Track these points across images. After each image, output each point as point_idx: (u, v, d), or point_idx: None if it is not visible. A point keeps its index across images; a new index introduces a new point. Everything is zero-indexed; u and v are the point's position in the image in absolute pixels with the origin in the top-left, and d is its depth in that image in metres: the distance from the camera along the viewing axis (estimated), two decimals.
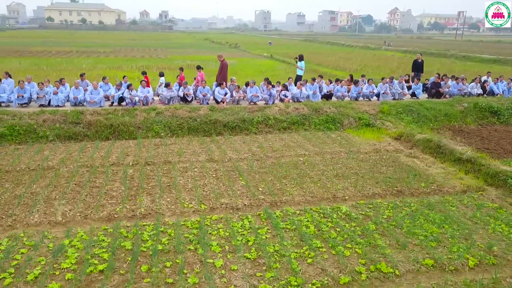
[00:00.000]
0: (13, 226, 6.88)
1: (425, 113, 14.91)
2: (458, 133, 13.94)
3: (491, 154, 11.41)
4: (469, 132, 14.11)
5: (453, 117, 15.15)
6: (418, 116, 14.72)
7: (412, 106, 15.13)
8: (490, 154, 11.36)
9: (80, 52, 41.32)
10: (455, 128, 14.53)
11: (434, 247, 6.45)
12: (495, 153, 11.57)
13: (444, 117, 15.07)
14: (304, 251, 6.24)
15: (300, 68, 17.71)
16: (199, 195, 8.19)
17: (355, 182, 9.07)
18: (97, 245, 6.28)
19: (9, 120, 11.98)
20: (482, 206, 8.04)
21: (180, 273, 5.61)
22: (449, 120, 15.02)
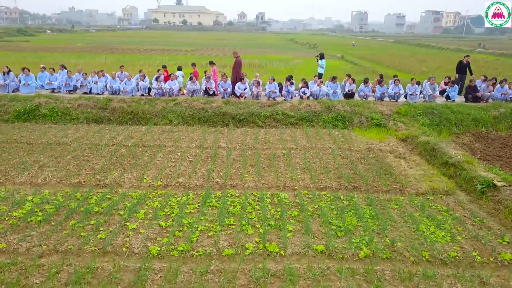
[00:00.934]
0: (3, 183, 8.50)
1: (449, 117, 14.14)
2: (480, 139, 13.09)
3: (500, 162, 10.67)
4: (494, 139, 13.14)
5: (482, 122, 14.14)
6: (439, 119, 14.02)
7: (435, 108, 14.43)
8: (499, 162, 10.63)
9: (165, 50, 44.83)
10: (480, 134, 13.60)
11: (338, 237, 6.62)
12: (504, 162, 10.76)
13: (472, 122, 14.13)
14: (213, 226, 6.85)
15: (320, 66, 17.81)
16: (162, 174, 9.16)
17: (316, 175, 9.30)
18: (51, 202, 7.57)
19: (52, 103, 14.15)
20: (430, 207, 7.83)
21: (95, 230, 6.63)
22: (476, 125, 14.06)
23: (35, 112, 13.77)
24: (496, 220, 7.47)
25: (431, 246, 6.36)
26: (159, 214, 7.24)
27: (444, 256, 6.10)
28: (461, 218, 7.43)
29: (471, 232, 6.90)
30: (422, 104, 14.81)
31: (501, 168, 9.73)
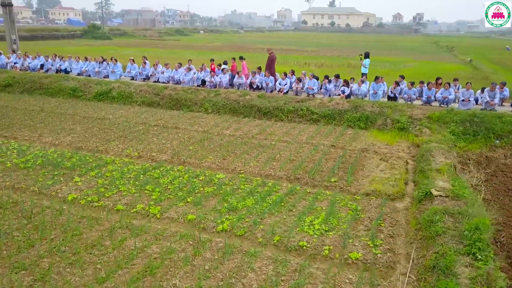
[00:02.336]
0: (34, 140, 11.24)
1: (493, 126, 12.48)
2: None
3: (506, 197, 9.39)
4: None
5: None
6: (477, 128, 12.50)
7: (478, 116, 12.83)
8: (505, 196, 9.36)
9: (287, 50, 46.53)
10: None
11: (220, 212, 7.27)
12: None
13: None
14: (132, 189, 8.17)
15: (364, 66, 17.07)
16: (146, 148, 10.80)
17: (272, 165, 9.75)
18: (48, 157, 9.86)
19: (122, 88, 17.12)
20: (344, 205, 7.73)
21: (51, 178, 8.59)
22: None
23: (108, 94, 16.87)
24: (402, 227, 7.04)
25: (295, 234, 6.52)
26: (106, 175, 8.85)
27: (293, 244, 6.27)
28: (363, 219, 7.21)
29: (352, 231, 6.74)
30: (463, 111, 13.32)
31: (499, 208, 8.33)
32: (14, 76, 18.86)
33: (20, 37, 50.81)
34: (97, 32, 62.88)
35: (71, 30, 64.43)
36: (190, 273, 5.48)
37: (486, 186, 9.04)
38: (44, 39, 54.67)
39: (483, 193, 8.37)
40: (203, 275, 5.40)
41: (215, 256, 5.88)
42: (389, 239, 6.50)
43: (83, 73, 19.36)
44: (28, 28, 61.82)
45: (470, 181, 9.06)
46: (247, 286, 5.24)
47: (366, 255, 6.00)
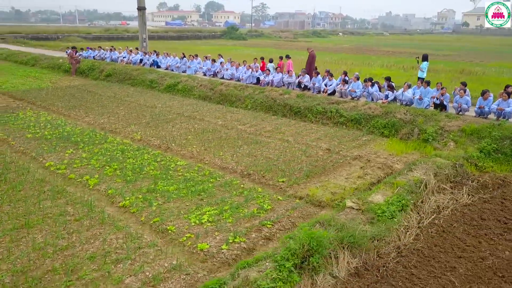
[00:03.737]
0: (77, 119, 13.55)
1: None
2: None
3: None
4: None
5: None
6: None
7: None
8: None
9: (411, 53, 43.43)
10: None
11: (128, 182, 8.02)
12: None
13: None
14: (97, 164, 9.47)
15: (421, 70, 15.11)
16: (151, 133, 12.07)
17: (241, 160, 9.98)
18: (69, 132, 11.91)
19: (188, 82, 18.87)
20: (255, 201, 7.68)
21: (57, 148, 10.47)
22: None
23: (175, 87, 18.82)
24: (284, 229, 6.75)
25: (174, 219, 6.89)
26: (94, 151, 10.35)
27: (163, 227, 6.66)
28: (258, 217, 7.10)
29: (231, 226, 6.76)
30: (509, 125, 11.14)
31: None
32: (115, 68, 22.38)
33: (168, 37, 58.51)
34: (235, 33, 67.97)
35: (212, 31, 71.00)
36: (63, 228, 6.39)
37: (434, 215, 7.73)
38: (188, 38, 61.65)
39: (414, 219, 7.23)
40: (67, 232, 6.25)
41: (91, 223, 6.65)
42: (253, 239, 6.34)
43: (168, 68, 21.81)
44: (177, 29, 70.39)
45: (427, 204, 7.84)
46: (83, 251, 5.89)
47: (213, 248, 6.03)
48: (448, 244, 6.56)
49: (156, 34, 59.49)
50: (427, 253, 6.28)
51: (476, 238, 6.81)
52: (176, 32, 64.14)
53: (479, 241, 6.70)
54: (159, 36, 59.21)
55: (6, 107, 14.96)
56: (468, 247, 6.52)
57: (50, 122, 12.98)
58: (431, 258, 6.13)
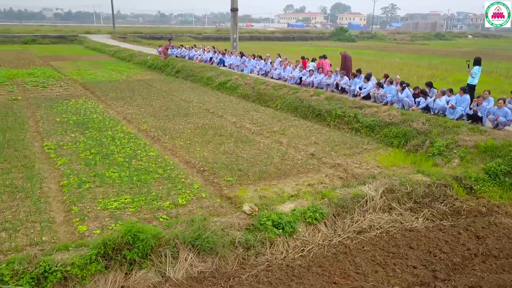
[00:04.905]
0: (112, 108, 15.01)
1: None
2: None
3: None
4: None
5: None
6: None
7: None
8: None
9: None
10: None
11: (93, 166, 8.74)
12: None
13: None
14: (86, 147, 10.50)
15: (471, 76, 12.81)
16: (160, 125, 12.80)
17: (213, 158, 10.06)
18: (90, 118, 13.31)
19: (237, 80, 19.30)
20: (176, 194, 7.76)
21: (64, 131, 11.89)
22: None
23: (225, 85, 19.45)
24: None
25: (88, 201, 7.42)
26: (94, 136, 11.44)
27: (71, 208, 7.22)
28: (159, 210, 7.18)
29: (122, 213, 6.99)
30: None
31: None
32: (184, 65, 23.96)
33: (274, 38, 59.94)
34: (343, 35, 66.42)
35: (321, 33, 70.31)
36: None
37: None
38: (294, 40, 62.27)
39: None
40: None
41: (21, 196, 7.53)
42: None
43: (230, 66, 22.58)
44: (284, 30, 71.43)
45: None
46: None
47: (88, 231, 6.34)
48: (334, 267, 5.79)
49: (263, 35, 61.41)
50: (297, 272, 5.65)
51: (379, 266, 5.87)
52: (283, 33, 65.23)
53: (376, 270, 5.76)
54: (265, 37, 61.01)
55: (69, 95, 17.24)
56: (357, 274, 5.67)
57: (87, 109, 14.60)
58: (296, 278, 5.51)
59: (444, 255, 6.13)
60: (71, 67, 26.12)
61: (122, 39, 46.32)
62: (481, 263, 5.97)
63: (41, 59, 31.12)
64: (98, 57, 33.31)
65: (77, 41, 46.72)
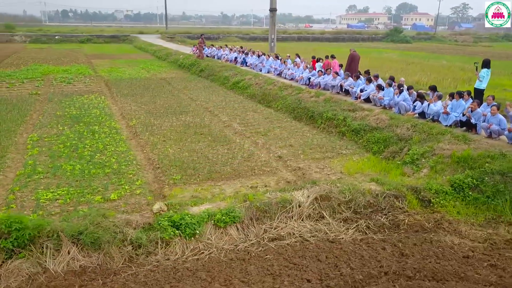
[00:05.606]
0: (118, 103, 15.56)
1: None
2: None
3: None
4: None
5: None
6: (494, 190, 7.61)
7: None
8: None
9: None
10: None
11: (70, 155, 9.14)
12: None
13: None
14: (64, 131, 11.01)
15: (479, 79, 11.56)
16: (147, 123, 13.08)
17: (174, 156, 10.11)
18: (89, 114, 13.90)
19: (250, 80, 19.21)
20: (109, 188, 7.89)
21: (56, 124, 12.54)
22: None
23: (237, 84, 19.43)
24: None
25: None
26: (80, 131, 11.95)
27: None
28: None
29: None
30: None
31: None
32: (208, 64, 24.28)
33: (323, 38, 59.04)
34: (398, 36, 63.61)
35: (374, 34, 67.84)
36: None
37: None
38: (344, 41, 60.74)
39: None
40: None
41: None
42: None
43: (250, 65, 22.55)
44: (334, 31, 69.85)
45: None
46: None
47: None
48: (221, 274, 5.55)
49: (312, 36, 60.59)
50: (180, 275, 5.49)
51: (270, 276, 5.54)
52: (333, 34, 63.84)
53: (263, 281, 5.43)
54: (314, 37, 60.15)
55: (86, 91, 18.15)
56: (241, 282, 5.39)
57: (92, 104, 15.26)
58: (174, 281, 5.35)
59: (349, 271, 5.65)
60: (107, 65, 27.48)
61: (169, 39, 47.92)
62: (386, 282, 5.43)
63: (87, 57, 33.06)
64: (138, 56, 34.75)
65: (128, 41, 49.08)
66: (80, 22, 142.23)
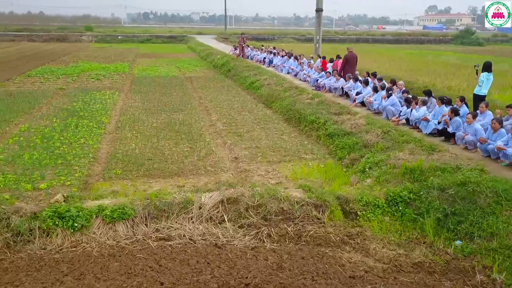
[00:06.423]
0: (126, 99, 16.27)
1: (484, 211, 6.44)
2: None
3: None
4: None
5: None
6: (427, 204, 6.79)
7: (472, 183, 6.75)
8: None
9: None
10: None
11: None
12: None
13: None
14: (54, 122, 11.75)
15: (478, 84, 10.21)
16: (137, 119, 13.51)
17: (132, 152, 10.37)
18: (91, 109, 14.68)
19: (266, 80, 18.99)
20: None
21: (56, 118, 13.42)
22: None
23: (253, 85, 19.33)
24: None
25: None
26: (68, 122, 12.67)
27: None
28: None
29: None
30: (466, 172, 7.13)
31: None
32: (235, 64, 24.44)
33: (384, 40, 56.81)
34: (469, 38, 59.03)
35: (443, 35, 63.56)
36: None
37: None
38: (407, 42, 57.78)
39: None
40: None
41: None
42: None
43: (274, 66, 22.36)
44: (396, 33, 66.48)
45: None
46: None
47: None
48: (65, 268, 5.54)
49: (371, 37, 58.42)
50: (38, 266, 5.62)
51: (115, 273, 5.46)
52: (395, 36, 60.87)
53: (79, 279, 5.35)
54: (374, 39, 57.94)
55: (107, 87, 19.14)
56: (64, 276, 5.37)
57: (100, 100, 16.03)
58: (24, 272, 5.49)
59: (208, 278, 5.34)
60: (147, 63, 28.75)
61: (223, 40, 48.95)
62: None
63: (136, 55, 34.89)
64: (184, 55, 35.93)
65: (184, 41, 50.92)
66: (159, 23, 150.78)
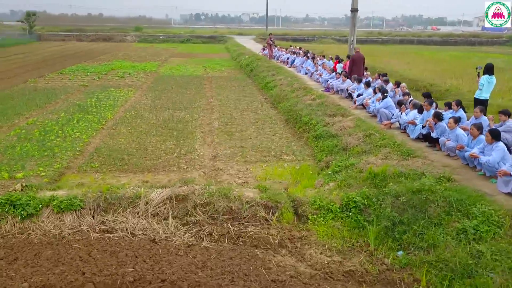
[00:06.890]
0: (140, 97, 16.82)
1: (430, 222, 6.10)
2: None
3: None
4: None
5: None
6: (376, 212, 6.46)
7: (425, 190, 6.36)
8: None
9: None
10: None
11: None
12: None
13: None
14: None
15: (479, 88, 9.47)
16: (138, 115, 13.92)
17: (113, 146, 10.71)
18: (101, 105, 15.31)
19: (280, 80, 18.89)
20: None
21: (63, 114, 14.14)
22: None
23: (267, 84, 19.24)
24: None
25: None
26: (73, 117, 13.31)
27: None
28: None
29: None
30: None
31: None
32: (258, 64, 24.41)
33: (430, 42, 54.62)
34: None
35: (497, 37, 59.74)
36: None
37: None
38: (456, 44, 55.05)
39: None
40: None
41: None
42: None
43: (295, 66, 22.18)
44: (443, 34, 63.36)
45: None
46: None
47: None
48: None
49: (417, 39, 56.29)
50: None
51: (44, 260, 5.68)
52: (442, 37, 58.08)
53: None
54: (419, 40, 55.75)
55: (128, 85, 19.82)
56: None
57: (114, 97, 16.64)
58: None
59: (107, 268, 5.43)
60: (176, 63, 29.46)
61: (260, 40, 49.07)
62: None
63: (172, 55, 35.83)
64: (218, 55, 36.41)
65: (223, 42, 51.59)
66: (209, 24, 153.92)
